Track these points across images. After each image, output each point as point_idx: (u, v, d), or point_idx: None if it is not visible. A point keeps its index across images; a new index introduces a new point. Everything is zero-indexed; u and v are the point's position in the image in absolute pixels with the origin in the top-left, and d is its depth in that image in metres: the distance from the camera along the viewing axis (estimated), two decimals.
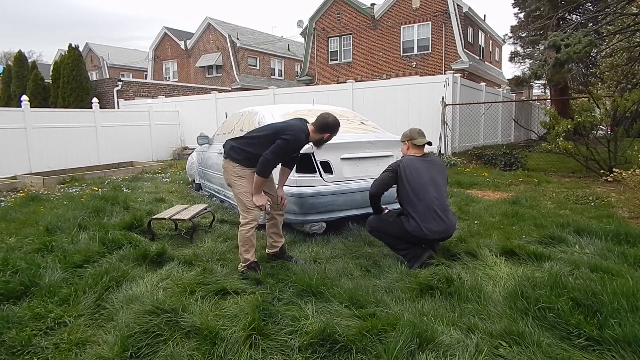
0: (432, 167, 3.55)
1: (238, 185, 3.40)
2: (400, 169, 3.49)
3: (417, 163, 3.51)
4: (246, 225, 3.35)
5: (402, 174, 3.46)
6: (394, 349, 2.07)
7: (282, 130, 3.30)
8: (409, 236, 3.41)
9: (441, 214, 3.36)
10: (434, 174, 3.51)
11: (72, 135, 11.54)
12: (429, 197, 3.37)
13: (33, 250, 3.78)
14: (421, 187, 3.39)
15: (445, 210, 3.42)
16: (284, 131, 3.27)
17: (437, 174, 3.54)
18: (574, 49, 9.58)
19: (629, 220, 4.80)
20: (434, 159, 3.68)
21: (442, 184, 3.55)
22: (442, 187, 3.52)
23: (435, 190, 3.42)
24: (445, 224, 3.37)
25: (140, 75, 32.33)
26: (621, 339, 2.13)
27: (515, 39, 20.31)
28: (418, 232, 3.33)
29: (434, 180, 3.46)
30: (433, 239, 3.41)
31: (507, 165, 9.30)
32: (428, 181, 3.42)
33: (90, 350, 2.26)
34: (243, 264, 3.34)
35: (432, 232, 3.33)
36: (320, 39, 23.32)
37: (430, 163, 3.56)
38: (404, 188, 3.44)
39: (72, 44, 16.08)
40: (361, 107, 10.86)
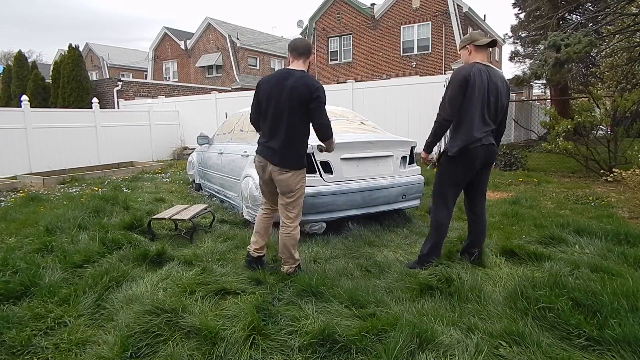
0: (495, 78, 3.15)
1: (302, 188, 3.17)
2: (471, 78, 3.05)
3: (484, 74, 3.08)
4: (296, 226, 3.19)
5: (473, 83, 3.04)
6: (394, 349, 2.07)
7: (308, 92, 2.93)
8: (458, 164, 3.14)
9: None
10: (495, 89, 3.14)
11: (72, 135, 11.54)
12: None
13: (33, 250, 3.78)
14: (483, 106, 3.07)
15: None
16: (311, 91, 2.92)
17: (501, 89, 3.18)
18: (574, 49, 9.57)
19: (629, 220, 4.80)
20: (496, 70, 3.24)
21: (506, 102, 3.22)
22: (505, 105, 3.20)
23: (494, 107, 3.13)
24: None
25: (140, 75, 32.33)
26: (621, 339, 2.13)
27: (516, 38, 20.29)
28: (469, 137, 3.06)
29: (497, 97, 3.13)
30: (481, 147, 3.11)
31: (507, 165, 9.30)
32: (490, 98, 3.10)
33: (90, 350, 2.26)
34: (293, 264, 3.22)
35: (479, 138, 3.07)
36: (320, 39, 23.32)
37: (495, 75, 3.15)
38: (471, 102, 3.06)
39: (72, 44, 16.08)
40: (361, 107, 10.86)
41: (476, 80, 3.06)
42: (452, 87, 3.14)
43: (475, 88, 3.06)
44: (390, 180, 4.54)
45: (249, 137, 5.15)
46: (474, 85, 3.06)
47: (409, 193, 4.69)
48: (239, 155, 5.17)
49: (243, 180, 4.86)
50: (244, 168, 4.91)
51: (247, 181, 4.71)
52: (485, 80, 3.10)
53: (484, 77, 3.10)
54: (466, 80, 3.08)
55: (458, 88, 3.10)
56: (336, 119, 5.21)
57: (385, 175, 4.56)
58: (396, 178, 4.61)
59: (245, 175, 4.81)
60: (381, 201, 4.49)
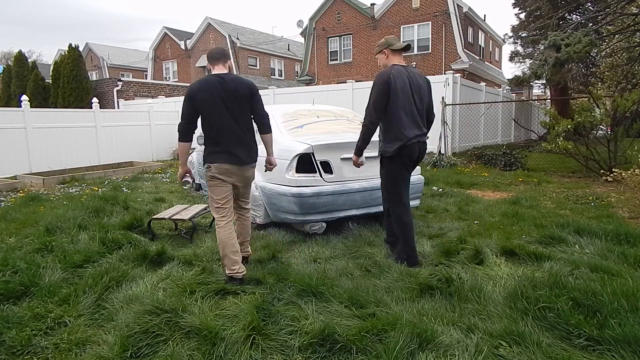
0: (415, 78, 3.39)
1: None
2: (392, 80, 3.23)
3: (404, 75, 3.29)
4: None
5: (395, 85, 3.22)
6: (393, 349, 2.07)
7: (248, 89, 3.17)
8: (397, 159, 3.35)
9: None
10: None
11: (72, 135, 11.53)
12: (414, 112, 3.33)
13: (33, 250, 3.77)
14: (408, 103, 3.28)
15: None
16: (250, 87, 3.20)
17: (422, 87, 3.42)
18: (574, 49, 9.57)
19: (629, 220, 4.80)
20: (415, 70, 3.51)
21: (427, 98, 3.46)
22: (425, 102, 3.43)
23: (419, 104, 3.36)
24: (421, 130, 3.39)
25: (140, 75, 32.33)
26: (621, 339, 2.13)
27: (516, 38, 20.30)
28: (403, 136, 3.26)
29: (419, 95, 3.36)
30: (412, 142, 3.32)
31: (507, 165, 9.30)
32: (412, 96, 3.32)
33: (90, 350, 2.26)
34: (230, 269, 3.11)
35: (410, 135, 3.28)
36: (320, 39, 23.32)
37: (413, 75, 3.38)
38: (396, 103, 3.25)
39: (72, 44, 16.09)
40: (361, 107, 10.74)
41: (397, 81, 3.23)
42: (375, 91, 3.30)
43: (397, 89, 3.22)
44: None
45: None
46: (396, 86, 3.22)
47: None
48: None
49: None
50: None
51: None
52: (407, 80, 3.27)
53: (404, 77, 3.27)
54: (388, 83, 3.23)
55: (381, 91, 3.25)
56: (336, 119, 5.22)
57: None
58: None
59: None
60: (381, 201, 4.48)
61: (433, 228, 4.54)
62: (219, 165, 3.12)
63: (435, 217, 5.19)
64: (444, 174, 8.18)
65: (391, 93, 3.23)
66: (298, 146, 4.19)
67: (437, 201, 6.01)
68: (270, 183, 4.32)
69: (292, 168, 4.16)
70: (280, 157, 4.11)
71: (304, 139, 4.30)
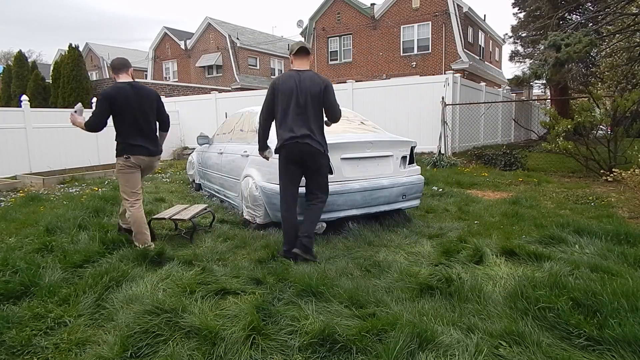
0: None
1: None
2: (277, 84, 3.58)
3: (292, 79, 3.56)
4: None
5: (278, 89, 3.56)
6: (394, 349, 2.07)
7: (155, 95, 4.04)
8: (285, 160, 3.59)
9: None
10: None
11: (72, 135, 11.50)
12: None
13: (33, 250, 3.78)
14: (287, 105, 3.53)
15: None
16: (156, 94, 4.06)
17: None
18: (574, 49, 9.58)
19: (629, 220, 4.80)
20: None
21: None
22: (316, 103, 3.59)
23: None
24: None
25: (140, 75, 32.31)
26: (621, 339, 2.13)
27: (516, 38, 20.31)
28: (283, 136, 3.52)
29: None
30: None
31: (507, 165, 9.30)
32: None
33: (90, 350, 2.26)
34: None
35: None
36: (320, 39, 23.33)
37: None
38: (281, 105, 3.54)
39: (72, 44, 16.09)
40: (361, 107, 10.86)
41: (282, 86, 3.55)
42: (266, 94, 3.67)
43: (280, 93, 3.55)
44: (390, 180, 4.54)
45: (249, 137, 5.15)
46: (279, 90, 3.55)
47: (409, 193, 4.69)
48: (239, 155, 5.17)
49: (243, 180, 4.86)
50: (244, 168, 4.91)
51: (247, 181, 4.71)
52: (293, 84, 3.53)
53: (291, 81, 3.54)
54: (273, 87, 3.61)
55: (268, 94, 3.63)
56: None
57: (385, 175, 4.56)
58: (396, 178, 4.61)
59: (245, 175, 4.81)
60: (381, 201, 4.49)
61: (433, 228, 4.54)
62: (135, 157, 3.86)
63: (435, 217, 5.19)
64: (444, 174, 8.18)
65: (275, 96, 3.58)
66: None
67: (437, 201, 6.01)
68: (270, 183, 4.32)
69: None
70: None
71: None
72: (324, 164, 3.70)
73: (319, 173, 3.69)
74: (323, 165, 3.69)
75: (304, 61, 3.69)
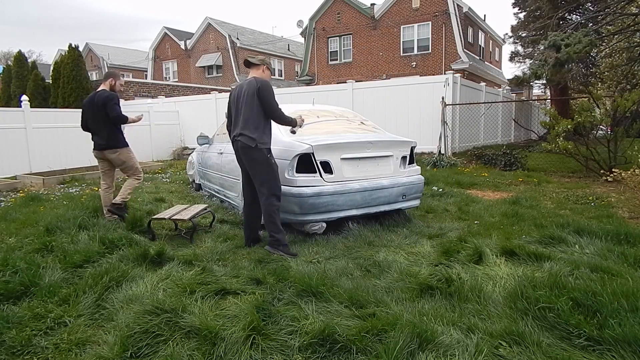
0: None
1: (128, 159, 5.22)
2: (232, 91, 4.08)
3: (240, 87, 4.00)
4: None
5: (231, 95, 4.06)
6: (393, 349, 2.07)
7: (106, 99, 4.93)
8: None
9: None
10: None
11: (72, 135, 11.49)
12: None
13: (33, 250, 3.78)
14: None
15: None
16: (108, 97, 4.95)
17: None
18: (574, 49, 9.58)
19: (629, 220, 4.80)
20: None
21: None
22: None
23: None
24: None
25: (140, 75, 32.33)
26: (621, 339, 2.13)
27: (516, 38, 20.31)
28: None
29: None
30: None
31: (507, 165, 9.30)
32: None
33: (90, 350, 2.26)
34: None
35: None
36: (320, 39, 23.33)
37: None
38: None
39: (72, 44, 16.08)
40: (361, 107, 10.86)
41: (233, 93, 4.02)
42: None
43: (232, 102, 4.02)
44: (390, 180, 4.54)
45: None
46: (232, 99, 4.03)
47: (409, 193, 4.69)
48: None
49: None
50: None
51: None
52: (238, 90, 3.96)
53: (239, 88, 3.97)
54: (228, 101, 4.10)
55: (228, 105, 4.14)
56: (336, 119, 5.21)
57: (385, 175, 4.56)
58: (396, 178, 4.61)
59: None
60: (381, 201, 4.49)
61: (433, 228, 4.54)
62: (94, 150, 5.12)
63: (435, 217, 5.19)
64: (444, 174, 8.18)
65: (230, 105, 4.05)
66: (298, 146, 4.19)
67: (437, 201, 6.01)
68: None
69: (292, 168, 4.16)
70: (280, 157, 4.11)
71: (304, 139, 4.30)
72: (257, 158, 3.80)
73: (254, 169, 3.86)
74: (256, 159, 3.81)
75: (253, 71, 4.04)
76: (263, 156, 3.80)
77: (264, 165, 3.82)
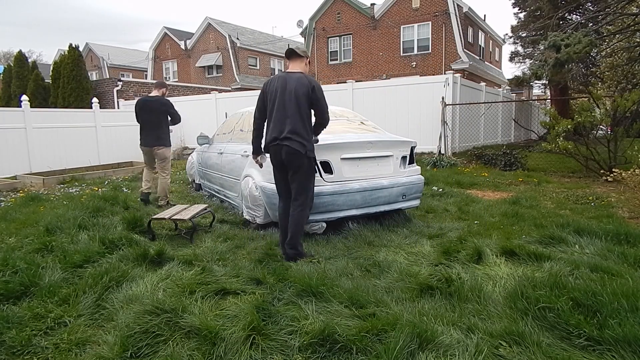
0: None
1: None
2: (266, 86, 3.71)
3: (279, 81, 3.66)
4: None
5: (266, 90, 3.68)
6: (393, 349, 2.07)
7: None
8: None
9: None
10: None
11: (72, 135, 11.53)
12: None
13: (33, 250, 3.77)
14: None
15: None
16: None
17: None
18: (574, 49, 9.57)
19: (629, 220, 4.80)
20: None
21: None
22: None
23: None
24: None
25: (140, 75, 32.32)
26: (621, 339, 2.13)
27: (516, 38, 20.30)
28: (267, 137, 3.69)
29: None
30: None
31: (507, 165, 9.30)
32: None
33: (90, 350, 2.26)
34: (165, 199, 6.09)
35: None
36: (320, 39, 23.32)
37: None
38: (268, 107, 3.66)
39: (72, 44, 16.07)
40: (361, 107, 10.86)
41: (269, 87, 3.64)
42: (258, 96, 3.78)
43: (268, 94, 3.63)
44: (390, 180, 4.54)
45: (249, 137, 5.13)
46: (267, 91, 3.64)
47: (409, 193, 4.69)
48: (239, 155, 5.17)
49: (243, 180, 4.86)
50: (244, 168, 4.91)
51: (247, 181, 4.71)
52: (279, 85, 3.57)
53: (278, 83, 3.59)
54: (263, 88, 3.72)
55: (261, 96, 3.73)
56: (336, 119, 5.21)
57: (385, 175, 4.56)
58: (396, 178, 4.61)
59: (245, 175, 4.81)
60: (381, 201, 4.49)
61: (433, 228, 4.54)
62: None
63: (435, 217, 5.19)
64: (444, 174, 8.18)
65: (264, 97, 3.67)
66: None
67: (437, 201, 6.01)
68: (270, 183, 4.32)
69: None
70: None
71: None
72: (304, 165, 3.56)
73: (297, 175, 3.59)
74: (302, 166, 3.56)
75: (295, 63, 3.73)
76: (311, 165, 3.63)
77: (309, 174, 3.64)
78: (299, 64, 3.71)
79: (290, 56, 3.74)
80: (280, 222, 3.80)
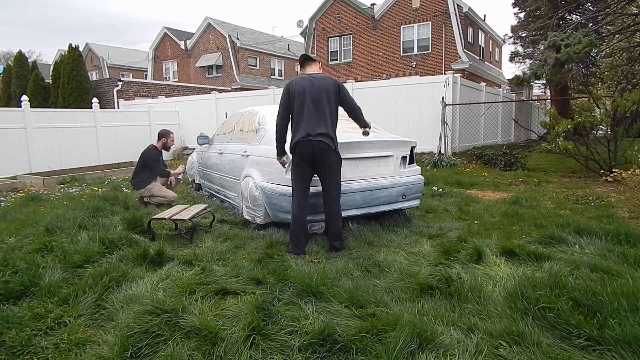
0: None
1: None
2: (291, 86, 3.84)
3: (304, 81, 3.83)
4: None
5: (294, 91, 3.83)
6: (393, 349, 2.07)
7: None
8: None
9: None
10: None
11: (72, 135, 11.53)
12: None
13: (33, 250, 3.77)
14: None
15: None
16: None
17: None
18: (574, 49, 9.57)
19: (629, 220, 4.80)
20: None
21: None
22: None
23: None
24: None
25: (140, 75, 32.32)
26: (621, 339, 2.13)
27: (516, 38, 20.31)
28: (298, 135, 3.75)
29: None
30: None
31: (507, 165, 9.30)
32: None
33: (90, 350, 2.26)
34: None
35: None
36: (320, 39, 23.32)
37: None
38: (295, 106, 3.79)
39: (72, 44, 16.07)
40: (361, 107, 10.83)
41: (295, 86, 3.78)
42: (282, 95, 3.87)
43: (295, 93, 3.75)
44: (390, 180, 4.54)
45: (249, 137, 5.15)
46: (294, 90, 3.77)
47: (409, 193, 4.69)
48: (239, 155, 5.17)
49: (243, 180, 4.86)
50: (244, 168, 4.91)
51: (247, 181, 4.71)
52: (306, 85, 3.75)
53: (303, 83, 3.76)
54: (287, 88, 3.83)
55: (283, 95, 3.84)
56: None
57: (385, 175, 4.56)
58: (396, 178, 4.61)
59: (245, 175, 4.81)
60: (381, 201, 4.49)
61: (433, 228, 4.54)
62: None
63: (435, 217, 5.19)
64: (444, 174, 8.18)
65: (290, 97, 3.78)
66: None
67: (437, 201, 6.01)
68: (270, 183, 4.32)
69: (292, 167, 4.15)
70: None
71: None
72: (334, 160, 3.77)
73: (332, 171, 3.79)
74: (334, 161, 3.77)
75: (312, 67, 3.96)
76: (340, 159, 3.83)
77: (339, 168, 3.85)
78: (315, 66, 3.95)
79: (305, 61, 3.97)
80: (297, 217, 3.81)
